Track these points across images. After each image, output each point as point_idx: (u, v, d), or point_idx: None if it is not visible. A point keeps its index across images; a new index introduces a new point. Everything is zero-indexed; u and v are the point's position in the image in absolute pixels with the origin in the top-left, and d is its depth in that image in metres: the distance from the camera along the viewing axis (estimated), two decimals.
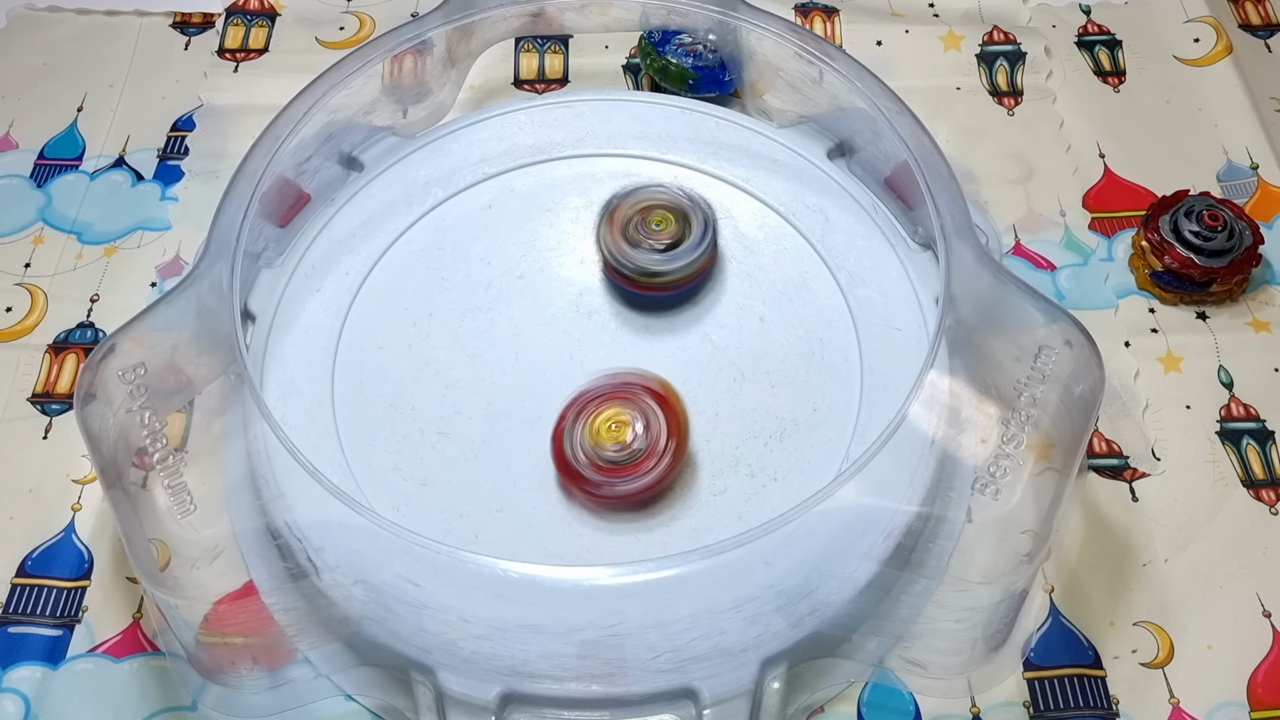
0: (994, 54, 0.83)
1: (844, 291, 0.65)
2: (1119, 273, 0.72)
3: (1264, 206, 0.75)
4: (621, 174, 0.70)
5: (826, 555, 0.56)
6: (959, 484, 0.59)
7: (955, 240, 0.59)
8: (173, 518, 0.54)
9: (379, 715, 0.58)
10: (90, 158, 0.79)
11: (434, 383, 0.63)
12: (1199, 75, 0.82)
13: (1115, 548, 0.62)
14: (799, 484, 0.59)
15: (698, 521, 0.59)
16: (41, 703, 0.58)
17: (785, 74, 0.71)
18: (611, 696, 0.56)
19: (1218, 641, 0.60)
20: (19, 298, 0.72)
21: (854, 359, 0.63)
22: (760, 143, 0.70)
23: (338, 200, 0.69)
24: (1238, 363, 0.69)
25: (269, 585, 0.58)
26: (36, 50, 0.84)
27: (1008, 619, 0.57)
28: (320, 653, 0.58)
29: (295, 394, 0.62)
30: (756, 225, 0.68)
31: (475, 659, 0.55)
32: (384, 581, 0.55)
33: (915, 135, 0.63)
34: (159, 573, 0.53)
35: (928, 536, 0.59)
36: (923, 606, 0.58)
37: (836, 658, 0.58)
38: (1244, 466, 0.65)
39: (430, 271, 0.67)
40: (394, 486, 0.60)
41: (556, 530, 0.59)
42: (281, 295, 0.65)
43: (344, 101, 0.67)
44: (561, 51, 0.84)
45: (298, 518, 0.57)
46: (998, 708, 0.58)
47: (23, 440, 0.67)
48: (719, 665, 0.55)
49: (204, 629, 0.56)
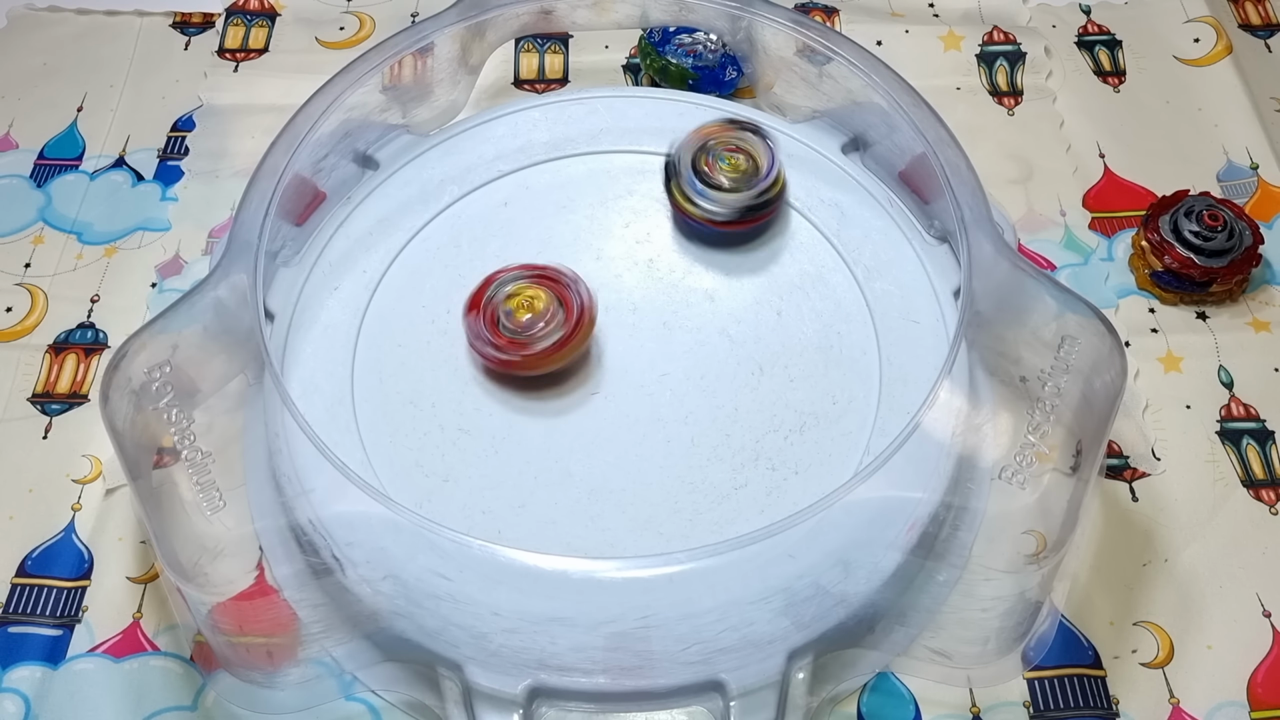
0: (994, 54, 0.83)
1: (861, 285, 0.66)
2: (1119, 273, 0.73)
3: (1264, 206, 0.76)
4: (636, 170, 0.70)
5: (851, 546, 0.57)
6: (980, 474, 0.59)
7: (974, 232, 0.60)
8: (201, 513, 0.54)
9: (405, 711, 0.58)
10: (90, 158, 0.78)
11: (453, 379, 0.63)
12: (1199, 75, 0.82)
13: (1115, 548, 0.63)
14: (820, 477, 0.60)
15: (720, 515, 0.59)
16: (41, 703, 0.58)
17: (799, 69, 0.72)
18: (639, 690, 0.56)
19: (1218, 641, 0.60)
20: (19, 298, 0.72)
21: (872, 352, 0.64)
22: (775, 138, 0.71)
23: (354, 198, 0.69)
24: (1238, 363, 0.69)
25: (291, 582, 0.58)
26: (36, 50, 0.84)
27: (1032, 608, 0.57)
28: (345, 649, 0.58)
29: (315, 392, 0.62)
30: (772, 220, 0.69)
31: (503, 653, 0.55)
32: (413, 576, 0.55)
33: (933, 127, 0.64)
34: (188, 567, 0.52)
35: (951, 526, 0.59)
36: (947, 596, 0.59)
37: (862, 648, 0.58)
38: (1244, 466, 0.66)
39: (447, 269, 0.67)
40: (416, 483, 0.60)
41: (579, 525, 0.59)
42: (300, 294, 0.65)
43: (360, 100, 0.67)
44: (562, 51, 0.84)
45: (323, 514, 0.57)
46: (998, 708, 0.58)
47: (23, 440, 0.66)
48: (746, 657, 0.55)
49: (228, 624, 0.55)
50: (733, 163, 0.66)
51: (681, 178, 0.67)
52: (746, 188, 0.66)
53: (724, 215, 0.66)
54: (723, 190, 0.66)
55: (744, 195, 0.66)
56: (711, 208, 0.66)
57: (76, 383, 0.68)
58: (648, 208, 0.69)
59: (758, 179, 0.66)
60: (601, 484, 0.60)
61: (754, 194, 0.66)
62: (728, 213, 0.66)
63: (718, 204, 0.66)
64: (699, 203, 0.66)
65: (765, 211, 0.67)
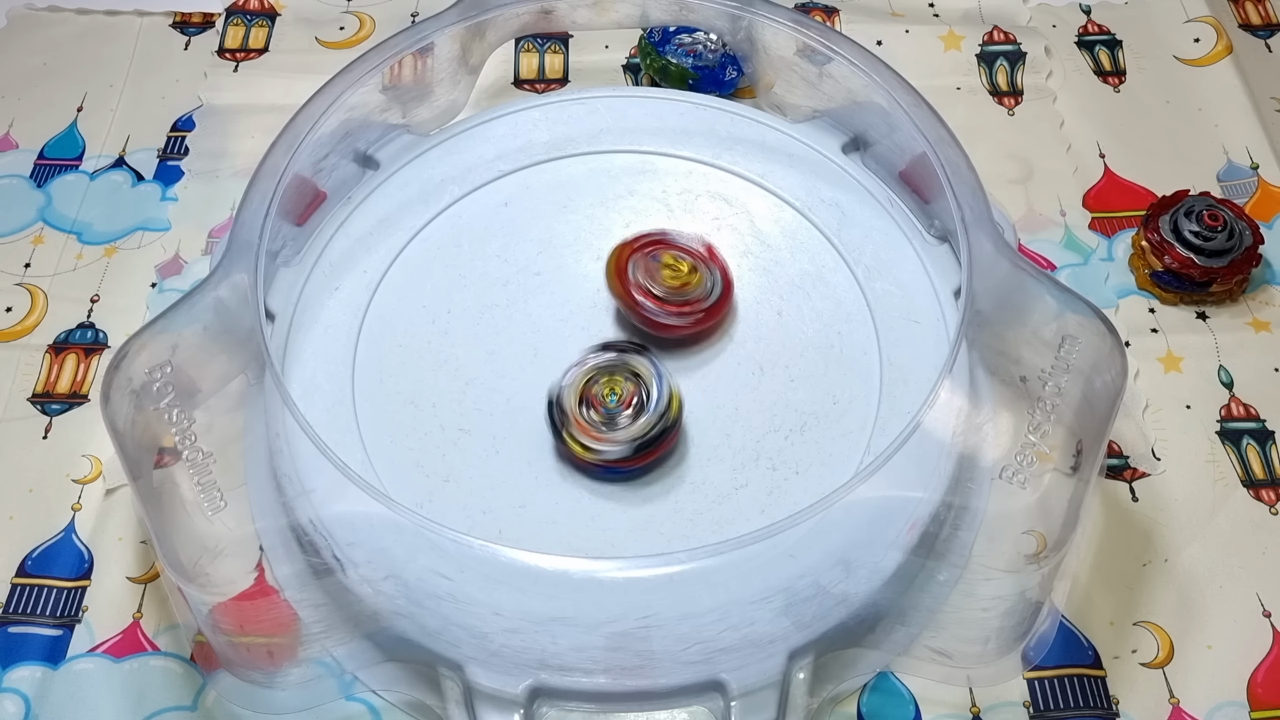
0: (994, 54, 0.83)
1: (861, 285, 0.66)
2: (1119, 273, 0.73)
3: (1264, 206, 0.76)
4: (636, 170, 0.70)
5: (852, 546, 0.57)
6: (981, 473, 0.59)
7: (975, 231, 0.60)
8: (202, 513, 0.54)
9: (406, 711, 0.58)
10: (90, 158, 0.78)
11: (454, 379, 0.63)
12: (1199, 75, 0.82)
13: (1115, 547, 0.63)
14: (821, 477, 0.60)
15: (721, 515, 0.59)
16: (41, 703, 0.58)
17: (799, 68, 0.72)
18: (639, 689, 0.56)
19: (1218, 641, 0.60)
20: (19, 298, 0.72)
21: (873, 352, 0.64)
22: (775, 138, 0.71)
23: (354, 198, 0.69)
24: (1238, 363, 0.69)
25: (292, 582, 0.58)
26: (36, 50, 0.84)
27: (1032, 608, 0.57)
28: (345, 649, 0.58)
29: (316, 392, 0.62)
30: (772, 220, 0.69)
31: (504, 653, 0.55)
32: (414, 576, 0.55)
33: (933, 127, 0.64)
34: (188, 567, 0.52)
35: (952, 525, 0.59)
36: (948, 595, 0.59)
37: (862, 648, 0.58)
38: (1244, 466, 0.66)
39: (448, 269, 0.67)
40: (417, 483, 0.60)
41: (579, 525, 0.59)
42: (300, 294, 0.65)
43: (360, 100, 0.67)
44: (561, 51, 0.84)
45: (324, 514, 0.57)
46: (998, 708, 0.58)
47: (23, 440, 0.66)
48: (747, 657, 0.55)
49: (228, 624, 0.55)
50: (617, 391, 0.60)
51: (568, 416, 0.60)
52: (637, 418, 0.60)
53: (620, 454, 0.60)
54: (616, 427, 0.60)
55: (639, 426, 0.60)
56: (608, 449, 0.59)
57: (76, 383, 0.68)
58: (648, 208, 0.69)
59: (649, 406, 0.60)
60: (602, 484, 0.60)
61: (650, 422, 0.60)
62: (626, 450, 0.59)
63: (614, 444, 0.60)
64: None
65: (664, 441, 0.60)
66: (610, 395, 0.60)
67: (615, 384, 0.60)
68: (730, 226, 0.69)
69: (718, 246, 0.65)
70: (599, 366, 0.61)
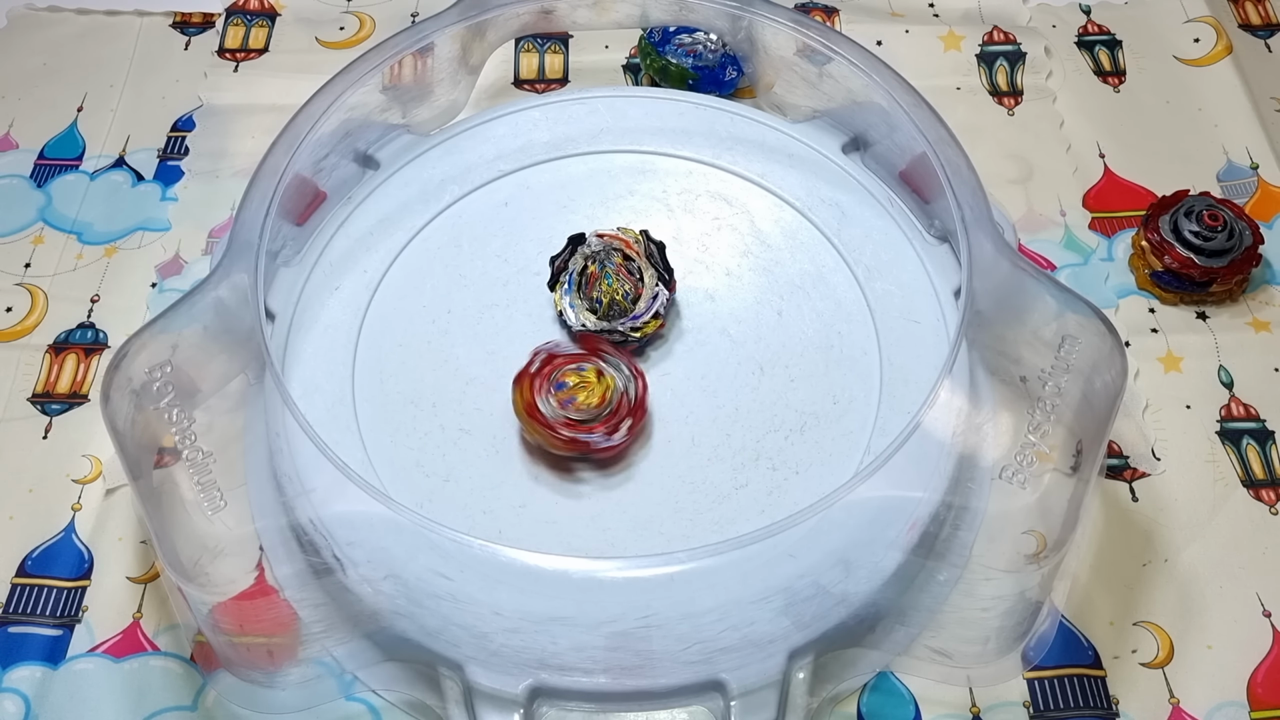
0: (994, 54, 0.83)
1: (861, 285, 0.66)
2: (1119, 273, 0.73)
3: (1264, 206, 0.76)
4: (636, 170, 0.70)
5: (852, 546, 0.57)
6: (981, 473, 0.59)
7: (975, 231, 0.60)
8: (202, 513, 0.54)
9: (406, 711, 0.58)
10: (90, 158, 0.78)
11: (454, 379, 0.63)
12: (1199, 75, 0.82)
13: (1115, 547, 0.63)
14: (821, 477, 0.60)
15: (721, 515, 0.59)
16: (41, 703, 0.58)
17: (799, 68, 0.72)
18: (639, 689, 0.56)
19: (1218, 641, 0.60)
20: (19, 298, 0.72)
21: (873, 352, 0.64)
22: (775, 137, 0.71)
23: (355, 198, 0.69)
24: (1238, 363, 0.69)
25: (292, 581, 0.58)
26: (36, 50, 0.84)
27: (1032, 608, 0.57)
28: (345, 649, 0.58)
29: (316, 392, 0.62)
30: (772, 220, 0.69)
31: (504, 652, 0.55)
32: (414, 576, 0.55)
33: (933, 127, 0.64)
34: (189, 567, 0.52)
35: (952, 525, 0.59)
36: (948, 595, 0.59)
37: (862, 648, 0.58)
38: (1244, 466, 0.66)
39: (448, 269, 0.67)
40: (417, 483, 0.60)
41: (579, 525, 0.59)
42: (300, 293, 0.65)
43: (360, 100, 0.67)
44: (561, 51, 0.84)
45: (324, 514, 0.57)
46: (998, 707, 0.58)
47: (23, 440, 0.66)
48: (746, 656, 0.55)
49: (228, 624, 0.55)
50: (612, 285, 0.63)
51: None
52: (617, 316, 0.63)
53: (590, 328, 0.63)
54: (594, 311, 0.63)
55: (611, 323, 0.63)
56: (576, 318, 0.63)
57: (76, 383, 0.68)
58: (648, 208, 0.69)
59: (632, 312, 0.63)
60: (602, 483, 0.60)
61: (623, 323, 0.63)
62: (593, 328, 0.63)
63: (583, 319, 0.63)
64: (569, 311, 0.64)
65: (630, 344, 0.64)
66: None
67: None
68: (730, 226, 0.69)
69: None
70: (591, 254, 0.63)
